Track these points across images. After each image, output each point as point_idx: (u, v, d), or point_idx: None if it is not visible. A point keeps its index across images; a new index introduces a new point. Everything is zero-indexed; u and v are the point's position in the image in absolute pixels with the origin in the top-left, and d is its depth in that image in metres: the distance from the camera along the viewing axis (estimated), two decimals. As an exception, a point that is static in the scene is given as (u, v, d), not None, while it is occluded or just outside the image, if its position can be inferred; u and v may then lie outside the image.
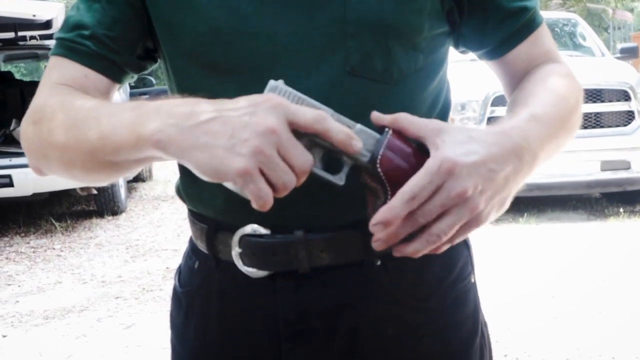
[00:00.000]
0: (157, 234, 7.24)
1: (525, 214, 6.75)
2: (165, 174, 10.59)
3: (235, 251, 1.09)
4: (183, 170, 1.16)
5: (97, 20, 1.08)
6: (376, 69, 1.04)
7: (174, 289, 1.22)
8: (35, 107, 1.05)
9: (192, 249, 1.20)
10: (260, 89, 0.94)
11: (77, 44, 1.08)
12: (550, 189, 6.75)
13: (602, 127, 6.84)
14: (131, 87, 9.86)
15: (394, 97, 1.06)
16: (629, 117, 7.06)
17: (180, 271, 1.23)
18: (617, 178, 6.75)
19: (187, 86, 1.08)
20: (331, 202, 1.06)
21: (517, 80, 1.16)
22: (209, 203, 1.12)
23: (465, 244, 1.17)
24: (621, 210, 6.85)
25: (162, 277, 5.65)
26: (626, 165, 6.83)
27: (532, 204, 7.14)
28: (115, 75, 1.11)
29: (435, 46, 1.10)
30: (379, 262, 1.08)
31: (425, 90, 1.09)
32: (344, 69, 1.03)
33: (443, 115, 1.13)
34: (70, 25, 1.10)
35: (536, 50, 1.15)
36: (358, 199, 1.05)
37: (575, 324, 4.14)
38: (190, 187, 1.16)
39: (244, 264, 1.09)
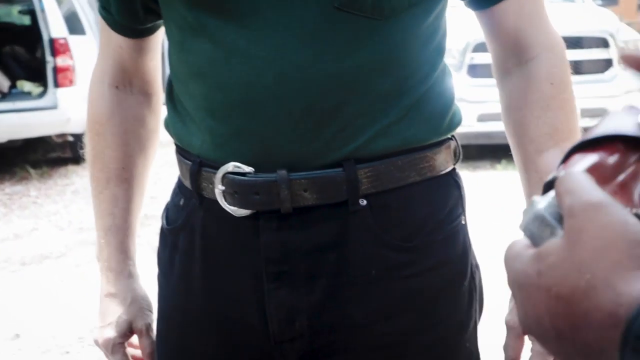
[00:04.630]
0: (134, 180, 7.18)
1: (503, 160, 6.77)
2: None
3: (218, 189, 1.07)
4: (171, 107, 1.16)
5: None
6: (365, 3, 1.00)
7: (161, 227, 1.22)
8: (88, 110, 1.28)
9: (179, 187, 1.19)
10: (240, 24, 0.98)
11: (107, 11, 1.20)
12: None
13: (580, 74, 6.83)
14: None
15: (384, 34, 1.02)
16: (607, 64, 7.07)
17: (167, 209, 1.22)
18: (595, 125, 6.75)
19: (173, 19, 1.09)
20: (315, 140, 1.04)
21: (502, 39, 1.15)
22: (195, 140, 1.11)
23: (457, 184, 1.15)
24: (598, 157, 6.88)
25: (139, 224, 5.61)
26: (604, 113, 6.82)
27: (510, 150, 7.14)
28: (144, 33, 1.23)
29: None
30: (364, 202, 1.06)
31: (418, 28, 1.05)
32: (332, 3, 0.99)
33: (435, 59, 1.10)
34: None
35: (527, 10, 1.13)
36: (342, 137, 1.04)
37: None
38: (177, 123, 1.14)
39: (227, 202, 1.08)
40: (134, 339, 1.27)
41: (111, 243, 1.26)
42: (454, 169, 1.15)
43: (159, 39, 1.26)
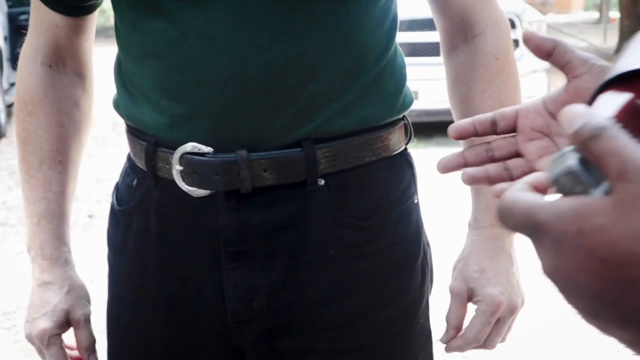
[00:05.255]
0: (41, 159, 6.98)
1: (415, 139, 6.86)
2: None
3: (176, 169, 1.06)
4: (120, 86, 1.13)
5: None
6: None
7: (112, 208, 1.19)
8: (18, 89, 1.22)
9: (130, 167, 1.17)
10: (197, 3, 0.98)
11: None
12: (438, 115, 6.89)
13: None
14: (9, 7, 9.36)
15: (341, 15, 1.03)
16: (514, 44, 7.25)
17: (117, 189, 1.20)
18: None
19: None
20: (275, 120, 1.04)
21: (449, 15, 1.17)
22: (150, 120, 1.09)
23: (409, 163, 1.17)
24: (504, 135, 7.07)
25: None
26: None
27: (420, 129, 7.26)
28: (83, 11, 1.18)
29: None
30: (322, 182, 1.07)
31: (373, 8, 1.06)
32: None
33: (388, 39, 1.11)
34: None
35: None
36: (301, 117, 1.04)
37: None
38: (129, 103, 1.12)
39: (185, 182, 1.07)
40: (68, 338, 1.21)
41: (45, 229, 1.20)
42: (405, 149, 1.17)
43: (95, 18, 1.23)
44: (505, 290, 1.15)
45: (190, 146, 1.05)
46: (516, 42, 7.30)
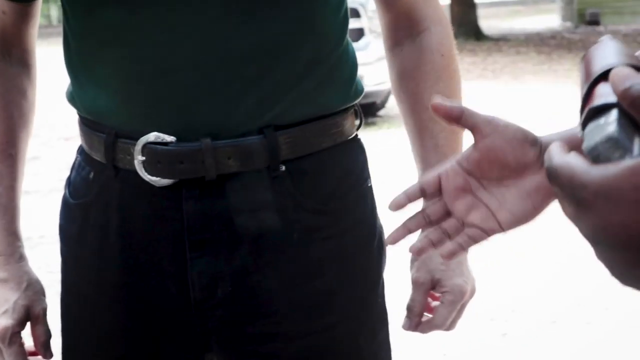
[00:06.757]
0: None
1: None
2: None
3: (138, 160, 1.05)
4: (74, 78, 1.11)
5: None
6: None
7: (65, 201, 1.16)
8: None
9: (85, 159, 1.14)
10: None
11: None
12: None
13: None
14: None
15: (302, 2, 1.05)
16: (359, 33, 7.46)
17: (70, 182, 1.16)
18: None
19: None
20: (237, 108, 1.05)
21: (394, 11, 1.20)
22: (109, 111, 1.07)
23: (361, 148, 1.19)
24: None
25: None
26: (361, 78, 7.19)
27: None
28: None
29: None
30: (283, 168, 1.08)
31: None
32: None
33: (342, 28, 1.13)
34: None
35: None
36: (264, 105, 1.05)
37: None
38: (83, 94, 1.09)
39: (148, 172, 1.05)
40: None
41: None
42: (356, 135, 1.20)
43: (40, 5, 1.19)
44: (467, 279, 1.21)
45: (153, 136, 1.04)
46: (361, 31, 7.53)
